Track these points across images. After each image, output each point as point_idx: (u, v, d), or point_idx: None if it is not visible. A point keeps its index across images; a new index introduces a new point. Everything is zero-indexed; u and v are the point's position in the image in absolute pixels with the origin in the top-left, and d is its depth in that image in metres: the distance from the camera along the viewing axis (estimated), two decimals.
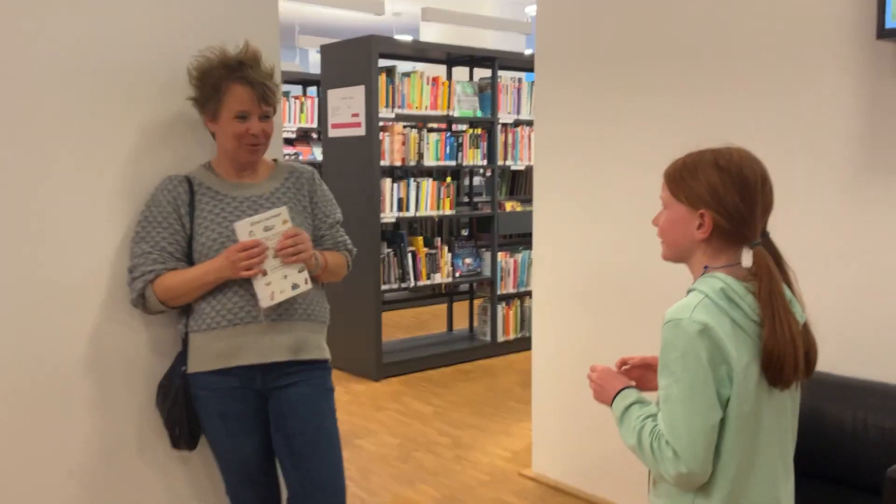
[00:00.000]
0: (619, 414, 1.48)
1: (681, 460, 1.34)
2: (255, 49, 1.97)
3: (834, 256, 2.40)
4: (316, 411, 2.00)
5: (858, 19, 2.30)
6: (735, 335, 1.36)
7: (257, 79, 1.91)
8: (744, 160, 1.42)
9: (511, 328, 5.65)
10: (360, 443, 3.89)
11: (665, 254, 1.52)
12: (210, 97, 1.93)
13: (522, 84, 5.60)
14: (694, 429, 1.33)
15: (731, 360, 1.35)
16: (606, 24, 3.02)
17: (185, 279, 1.91)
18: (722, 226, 1.40)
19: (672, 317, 1.38)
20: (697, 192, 1.41)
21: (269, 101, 1.94)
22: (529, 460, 3.60)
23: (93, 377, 2.01)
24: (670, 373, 1.36)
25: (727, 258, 1.44)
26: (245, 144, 1.94)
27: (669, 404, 1.36)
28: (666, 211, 1.49)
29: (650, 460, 1.39)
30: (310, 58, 14.85)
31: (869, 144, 2.32)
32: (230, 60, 1.92)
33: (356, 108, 4.88)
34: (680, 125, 2.81)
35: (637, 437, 1.41)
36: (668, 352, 1.37)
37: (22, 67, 1.87)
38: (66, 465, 1.98)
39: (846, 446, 2.09)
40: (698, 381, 1.33)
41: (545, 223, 3.35)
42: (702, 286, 1.40)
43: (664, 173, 1.49)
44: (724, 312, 1.36)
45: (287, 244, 1.89)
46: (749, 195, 1.40)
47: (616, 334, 3.08)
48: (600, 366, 1.59)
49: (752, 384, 1.37)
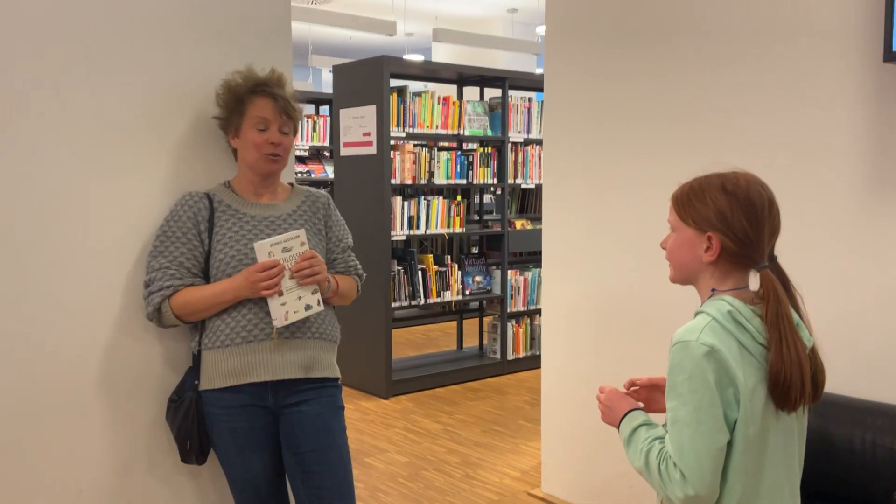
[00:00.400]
0: (627, 436, 1.49)
1: (688, 482, 1.34)
2: (282, 74, 2.06)
3: (842, 277, 2.41)
4: (327, 429, 2.02)
5: (865, 42, 2.32)
6: (742, 358, 1.37)
7: (280, 94, 2.00)
8: (750, 184, 1.44)
9: (521, 346, 5.65)
10: (370, 461, 3.89)
11: (673, 276, 1.53)
12: (234, 111, 2.00)
13: (533, 103, 5.64)
14: (701, 451, 1.34)
15: (737, 382, 1.35)
16: (615, 47, 3.05)
17: (202, 296, 1.94)
18: (729, 249, 1.42)
19: (679, 339, 1.39)
20: (705, 216, 1.43)
21: (290, 114, 2.01)
22: (538, 480, 3.59)
23: (104, 392, 2.03)
24: (678, 395, 1.37)
25: (735, 281, 1.45)
26: (264, 154, 1.99)
27: (677, 426, 1.37)
28: (674, 234, 1.51)
29: (657, 482, 1.39)
30: (323, 77, 14.98)
31: (877, 166, 2.33)
32: (257, 78, 2.01)
33: (368, 127, 4.93)
34: (689, 147, 2.83)
35: (644, 460, 1.42)
36: (676, 374, 1.38)
37: (54, 93, 1.91)
38: (76, 483, 2.00)
39: (855, 467, 2.09)
40: (705, 404, 1.34)
41: (554, 244, 3.37)
42: (709, 309, 1.42)
43: (672, 197, 1.51)
44: (731, 335, 1.37)
45: (304, 265, 1.93)
46: (756, 218, 1.41)
47: (625, 354, 3.08)
48: (608, 387, 1.60)
49: (759, 407, 1.37)
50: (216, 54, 2.18)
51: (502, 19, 10.56)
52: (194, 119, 2.15)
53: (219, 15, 2.19)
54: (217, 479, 2.22)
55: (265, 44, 2.28)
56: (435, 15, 10.28)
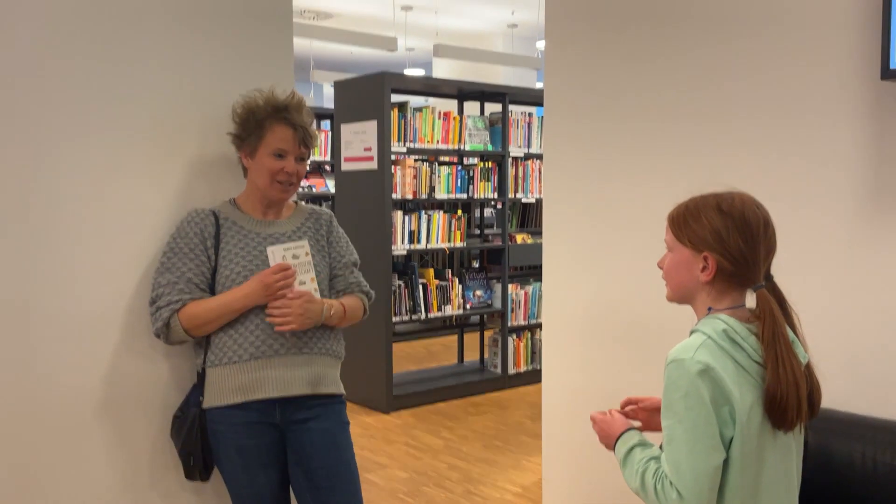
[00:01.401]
0: (622, 457, 1.49)
1: (685, 501, 1.34)
2: (301, 97, 2.06)
3: (841, 293, 2.42)
4: (335, 445, 2.03)
5: (863, 59, 2.34)
6: (738, 376, 1.38)
7: (300, 122, 2.00)
8: (746, 204, 1.45)
9: (522, 360, 5.65)
10: (370, 477, 3.89)
11: (669, 295, 1.54)
12: (251, 133, 2.01)
13: (533, 118, 5.67)
14: (698, 469, 1.34)
15: (733, 400, 1.36)
16: (615, 61, 3.08)
17: (211, 307, 1.95)
18: (725, 268, 1.43)
19: (674, 357, 1.40)
20: (701, 236, 1.44)
21: (307, 144, 2.03)
22: (540, 496, 3.58)
23: (108, 410, 2.04)
24: (673, 413, 1.38)
25: (731, 300, 1.46)
26: (277, 182, 2.00)
27: (673, 445, 1.37)
28: (670, 253, 1.52)
29: (654, 502, 1.40)
30: (324, 92, 15.06)
31: (874, 183, 2.34)
32: (277, 102, 2.01)
33: (369, 143, 4.95)
34: (688, 164, 2.85)
35: (640, 480, 1.42)
36: (671, 392, 1.39)
37: (70, 109, 1.93)
38: (79, 500, 2.00)
39: (854, 484, 2.09)
40: (701, 421, 1.35)
41: (554, 258, 3.38)
42: (704, 328, 1.43)
43: (668, 217, 1.52)
44: (726, 354, 1.38)
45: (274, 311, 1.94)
46: (751, 238, 1.43)
47: (627, 368, 3.09)
48: (598, 414, 1.60)
49: (756, 425, 1.38)
50: (219, 71, 2.20)
51: (502, 35, 10.62)
52: (199, 138, 2.17)
53: (221, 31, 2.21)
54: (221, 495, 2.22)
55: (268, 59, 2.30)
56: (435, 31, 10.35)
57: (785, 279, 1.49)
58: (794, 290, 1.51)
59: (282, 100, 2.02)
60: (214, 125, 2.17)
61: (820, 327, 2.43)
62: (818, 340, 1.66)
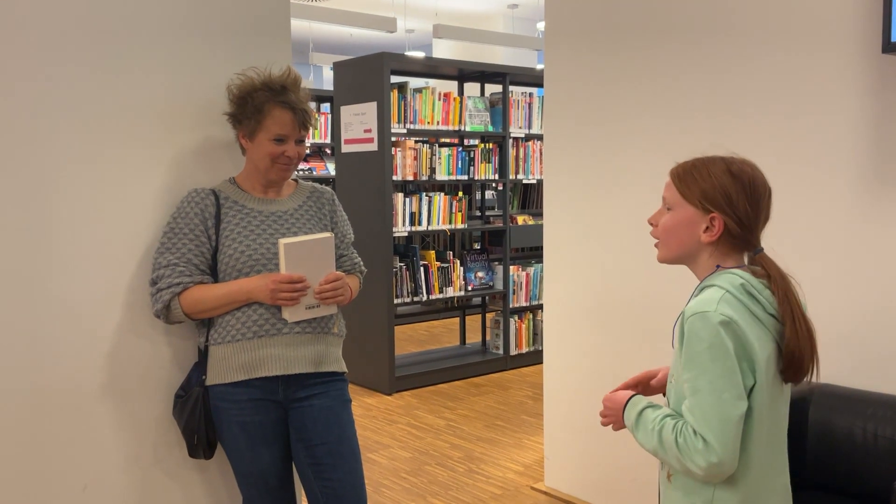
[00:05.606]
0: (634, 420, 1.47)
1: (712, 450, 1.33)
2: (297, 74, 2.04)
3: (842, 269, 2.42)
4: (337, 422, 2.04)
5: (864, 32, 2.33)
6: (757, 329, 1.39)
7: (298, 105, 1.98)
8: (754, 170, 1.46)
9: (523, 341, 5.67)
10: (373, 457, 3.91)
11: (664, 255, 1.51)
12: (250, 116, 1.98)
13: (533, 99, 5.64)
14: (725, 418, 1.34)
15: (753, 353, 1.37)
16: (615, 43, 3.06)
17: (214, 295, 1.95)
18: (732, 230, 1.43)
19: (696, 310, 1.38)
20: (710, 196, 1.43)
21: (306, 126, 2.01)
22: (541, 474, 3.61)
23: (111, 389, 2.05)
24: (697, 364, 1.36)
25: (734, 262, 1.46)
26: (278, 164, 1.99)
27: (699, 396, 1.36)
28: (670, 212, 1.49)
29: (675, 457, 1.38)
30: (323, 74, 14.99)
31: (877, 157, 2.33)
32: (274, 83, 1.98)
33: (369, 124, 4.94)
34: (688, 142, 2.84)
35: (658, 438, 1.41)
36: (694, 344, 1.37)
37: (58, 93, 1.93)
38: (81, 479, 2.02)
39: (855, 458, 2.10)
40: (727, 371, 1.35)
41: (555, 239, 3.38)
42: (719, 282, 1.42)
43: (671, 173, 1.49)
44: (744, 307, 1.39)
45: (327, 289, 1.96)
46: (757, 203, 1.43)
47: (627, 348, 3.10)
48: (604, 399, 1.60)
49: (771, 377, 1.40)
50: (216, 53, 2.19)
51: (503, 15, 10.55)
52: (197, 118, 2.16)
53: (219, 13, 2.20)
54: (225, 472, 2.24)
55: (264, 41, 2.29)
56: (435, 11, 10.28)
57: (786, 255, 1.49)
58: (795, 265, 1.50)
59: (278, 80, 1.98)
60: (213, 106, 2.16)
61: (821, 302, 2.43)
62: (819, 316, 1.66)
